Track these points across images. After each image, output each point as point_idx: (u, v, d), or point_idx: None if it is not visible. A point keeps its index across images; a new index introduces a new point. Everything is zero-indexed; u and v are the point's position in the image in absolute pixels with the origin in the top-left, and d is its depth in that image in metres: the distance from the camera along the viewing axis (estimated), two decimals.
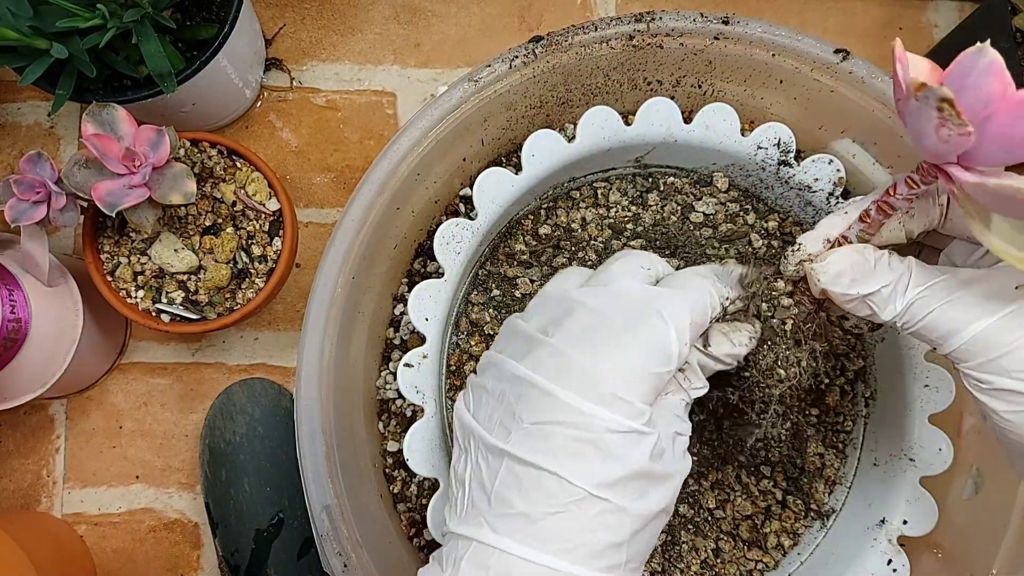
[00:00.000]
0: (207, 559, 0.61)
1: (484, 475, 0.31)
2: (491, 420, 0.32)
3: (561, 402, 0.31)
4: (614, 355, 0.31)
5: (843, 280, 0.33)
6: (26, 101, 0.65)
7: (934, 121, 0.26)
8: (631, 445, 0.31)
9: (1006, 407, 0.30)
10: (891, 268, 0.33)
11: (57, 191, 0.48)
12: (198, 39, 0.54)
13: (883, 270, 0.33)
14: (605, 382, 0.31)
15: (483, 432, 0.32)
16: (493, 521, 0.30)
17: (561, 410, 0.31)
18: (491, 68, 0.47)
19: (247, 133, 0.65)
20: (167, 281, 0.54)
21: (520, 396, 0.32)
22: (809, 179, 0.48)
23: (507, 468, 0.31)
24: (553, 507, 0.30)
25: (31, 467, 0.61)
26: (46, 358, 0.53)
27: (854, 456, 0.50)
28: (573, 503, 0.30)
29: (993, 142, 0.26)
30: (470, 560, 0.30)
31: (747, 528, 0.49)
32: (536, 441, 0.30)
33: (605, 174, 0.51)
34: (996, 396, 0.30)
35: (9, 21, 0.45)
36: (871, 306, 0.33)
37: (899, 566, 0.45)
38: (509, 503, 0.30)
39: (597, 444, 0.30)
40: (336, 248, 0.45)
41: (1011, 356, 0.30)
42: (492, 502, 0.31)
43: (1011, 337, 0.30)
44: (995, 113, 0.25)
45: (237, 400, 0.59)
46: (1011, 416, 0.30)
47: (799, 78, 0.49)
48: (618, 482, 0.30)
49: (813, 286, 0.35)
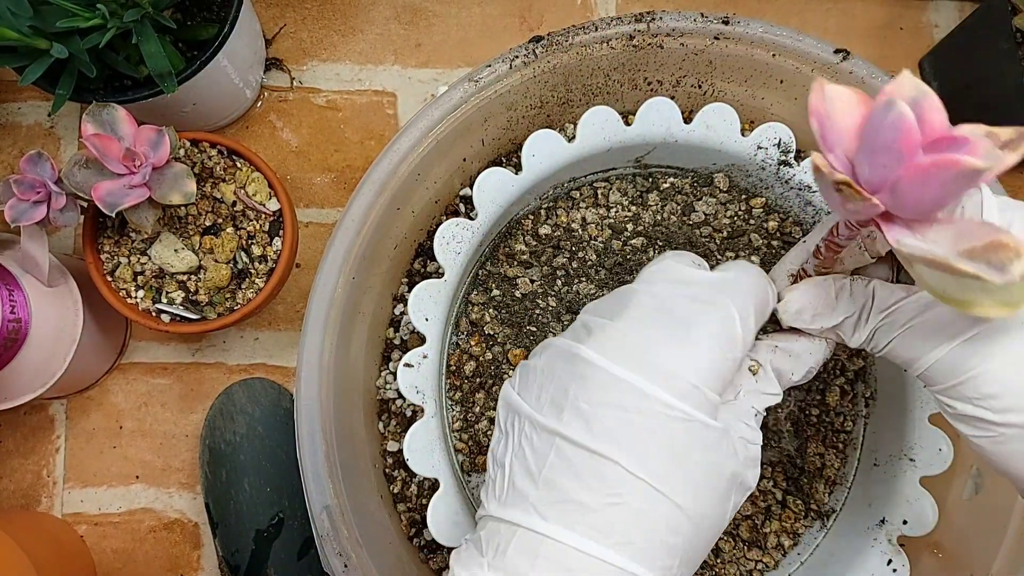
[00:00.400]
0: (207, 559, 0.61)
1: (529, 457, 0.29)
2: (540, 399, 0.30)
3: (621, 381, 0.29)
4: (678, 336, 0.30)
5: (805, 316, 0.34)
6: (26, 101, 0.65)
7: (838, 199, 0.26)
8: (696, 438, 0.29)
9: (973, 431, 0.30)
10: (852, 298, 0.33)
11: (57, 191, 0.48)
12: (198, 39, 0.54)
13: (844, 301, 0.33)
14: (669, 363, 0.29)
15: (531, 411, 0.30)
16: (542, 508, 0.28)
17: (621, 391, 0.29)
18: (491, 68, 0.47)
19: (247, 133, 0.65)
20: (167, 281, 0.54)
21: (575, 375, 0.29)
22: (809, 179, 0.48)
23: (557, 452, 0.29)
24: (610, 497, 0.28)
25: (31, 467, 0.61)
26: (46, 358, 0.53)
27: (854, 456, 0.50)
28: (630, 492, 0.28)
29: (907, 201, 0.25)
30: (518, 547, 0.28)
31: (747, 528, 0.49)
32: (592, 423, 0.28)
33: (605, 174, 0.51)
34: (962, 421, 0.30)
35: (9, 21, 0.45)
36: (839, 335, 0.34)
37: (899, 566, 0.45)
38: (561, 489, 0.28)
39: (659, 432, 0.28)
40: (336, 248, 0.45)
41: (971, 383, 0.29)
42: (540, 486, 0.28)
43: (971, 363, 0.29)
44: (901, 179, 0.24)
45: (237, 400, 0.59)
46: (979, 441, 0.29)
47: (799, 78, 0.49)
48: (676, 476, 0.28)
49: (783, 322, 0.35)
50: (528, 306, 0.48)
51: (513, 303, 0.49)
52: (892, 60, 0.69)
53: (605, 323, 0.31)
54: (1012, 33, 0.57)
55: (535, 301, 0.49)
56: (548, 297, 0.49)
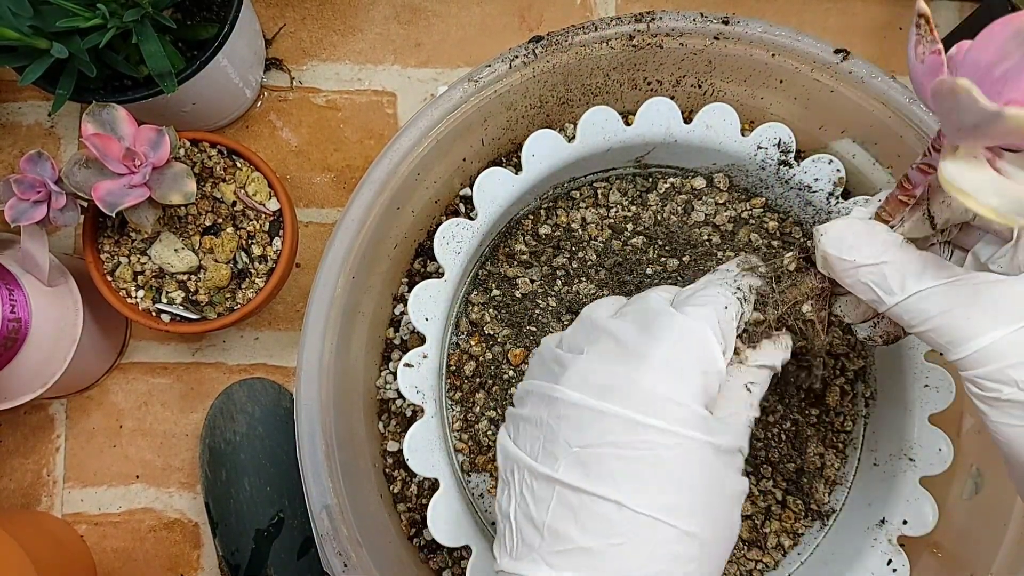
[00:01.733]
0: (207, 559, 0.61)
1: (532, 507, 0.29)
2: (534, 448, 0.30)
3: (608, 417, 0.28)
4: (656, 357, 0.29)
5: (842, 244, 0.31)
6: (26, 101, 0.65)
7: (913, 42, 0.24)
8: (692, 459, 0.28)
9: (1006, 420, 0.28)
10: (900, 248, 0.30)
11: (57, 191, 0.48)
12: (198, 39, 0.54)
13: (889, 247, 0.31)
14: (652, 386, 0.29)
15: (528, 460, 0.30)
16: (550, 558, 0.28)
17: (609, 427, 0.28)
18: (491, 68, 0.47)
19: (247, 133, 0.65)
20: (167, 281, 0.54)
21: (560, 418, 0.29)
22: (809, 179, 0.48)
23: (559, 498, 0.28)
24: (614, 537, 0.27)
25: (31, 467, 0.61)
26: (46, 358, 0.53)
27: (854, 456, 0.50)
28: (635, 531, 0.27)
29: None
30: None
31: (747, 528, 0.49)
32: (588, 466, 0.28)
33: (605, 174, 0.51)
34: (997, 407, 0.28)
35: (9, 21, 0.45)
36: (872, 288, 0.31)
37: (899, 566, 0.45)
38: (566, 537, 0.28)
39: (653, 461, 0.28)
40: (336, 248, 0.45)
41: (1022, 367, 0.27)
42: (546, 536, 0.28)
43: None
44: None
45: (237, 400, 0.59)
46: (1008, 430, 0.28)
47: (799, 78, 0.49)
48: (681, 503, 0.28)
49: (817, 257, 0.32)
50: (528, 306, 0.49)
51: (513, 303, 0.49)
52: (892, 60, 0.69)
53: (576, 358, 0.31)
54: None
55: (535, 301, 0.49)
56: (548, 297, 0.49)
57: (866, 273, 0.31)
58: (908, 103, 0.47)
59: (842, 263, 0.31)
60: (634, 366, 0.29)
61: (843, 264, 0.31)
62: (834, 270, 0.32)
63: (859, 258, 0.31)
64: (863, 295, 0.32)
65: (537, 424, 0.30)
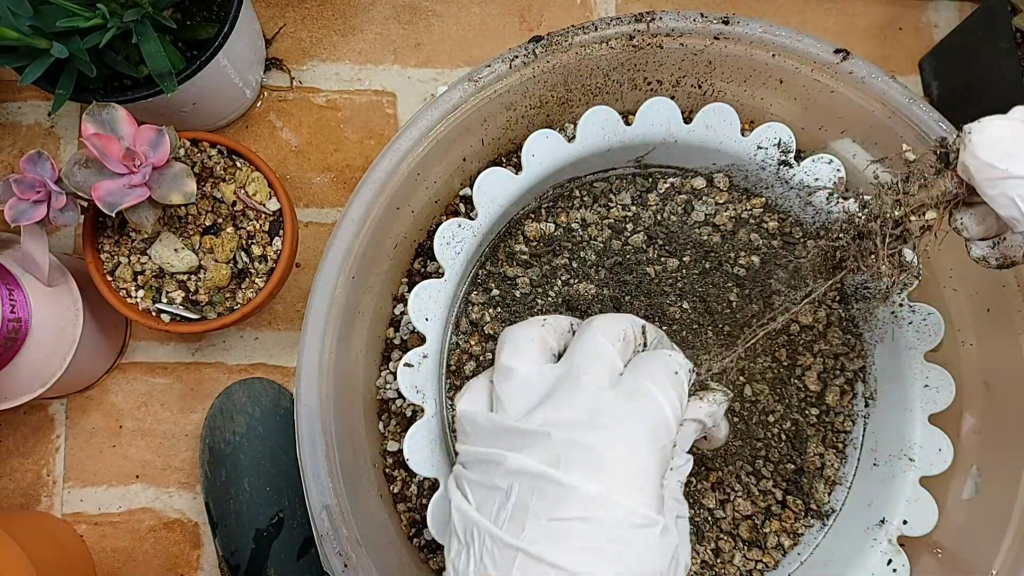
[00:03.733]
0: (207, 559, 0.61)
1: (491, 573, 0.30)
2: (499, 516, 0.31)
3: (583, 495, 0.29)
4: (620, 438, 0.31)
5: (997, 148, 0.27)
6: (26, 101, 0.65)
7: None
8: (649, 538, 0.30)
9: None
10: None
11: (57, 191, 0.48)
12: (198, 39, 0.54)
13: None
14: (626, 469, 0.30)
15: (490, 526, 0.31)
16: None
17: (582, 504, 0.29)
18: (491, 68, 0.47)
19: (247, 133, 0.65)
20: (167, 281, 0.54)
21: (535, 490, 0.30)
22: (809, 179, 0.48)
23: (520, 567, 0.29)
24: None
25: (31, 467, 0.61)
26: (46, 358, 0.53)
27: (854, 456, 0.50)
28: None
29: None
30: None
31: (747, 528, 0.49)
32: (555, 538, 0.29)
33: (605, 174, 0.51)
34: None
35: (9, 21, 0.45)
36: (1017, 203, 0.27)
37: (899, 566, 0.45)
38: None
39: (618, 540, 0.29)
40: (336, 248, 0.45)
41: None
42: None
43: None
44: None
45: (237, 400, 0.59)
46: None
47: (799, 78, 0.49)
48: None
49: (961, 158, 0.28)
50: (528, 306, 0.48)
51: (513, 303, 0.49)
52: (892, 60, 0.69)
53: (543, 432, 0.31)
54: (1012, 33, 0.57)
55: (535, 301, 0.49)
56: (548, 297, 0.49)
57: (1017, 186, 0.27)
58: (908, 103, 0.47)
59: (990, 170, 0.27)
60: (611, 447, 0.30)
61: (991, 172, 0.27)
62: (976, 177, 0.28)
63: (1012, 167, 0.27)
64: (1003, 210, 0.28)
65: (506, 493, 0.31)
